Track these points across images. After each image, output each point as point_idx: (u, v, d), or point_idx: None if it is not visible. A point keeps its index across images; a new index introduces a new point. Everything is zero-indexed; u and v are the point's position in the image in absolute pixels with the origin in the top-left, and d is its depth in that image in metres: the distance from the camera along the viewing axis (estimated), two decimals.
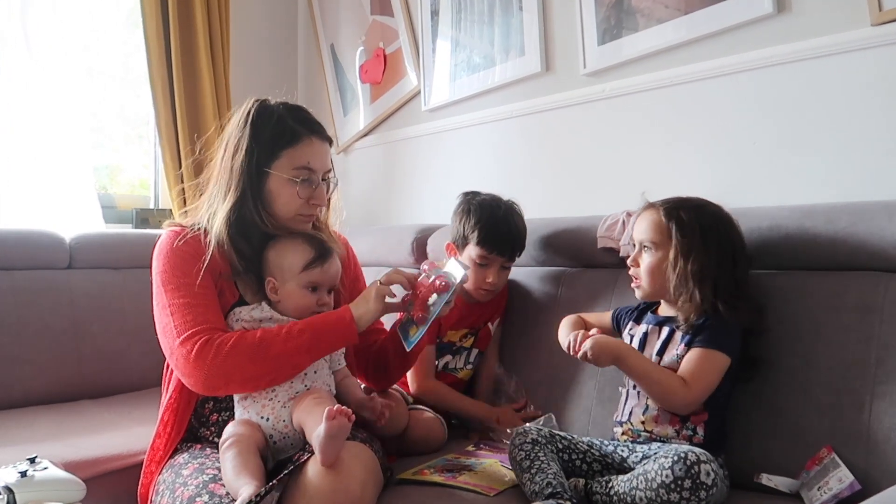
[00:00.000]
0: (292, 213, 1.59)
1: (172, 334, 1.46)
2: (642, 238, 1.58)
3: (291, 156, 1.56)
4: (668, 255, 1.53)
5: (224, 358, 1.41)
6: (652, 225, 1.56)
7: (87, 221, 2.85)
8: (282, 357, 1.43)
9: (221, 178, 1.59)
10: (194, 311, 1.47)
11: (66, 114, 2.85)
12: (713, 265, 1.50)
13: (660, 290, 1.57)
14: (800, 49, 1.82)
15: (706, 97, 2.03)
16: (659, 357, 1.53)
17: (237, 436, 1.40)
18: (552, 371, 1.93)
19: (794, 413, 1.47)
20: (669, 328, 1.55)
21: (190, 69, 3.08)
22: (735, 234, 1.56)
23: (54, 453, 1.68)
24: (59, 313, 2.44)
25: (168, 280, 1.52)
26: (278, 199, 1.57)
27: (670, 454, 1.27)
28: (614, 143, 2.27)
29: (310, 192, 1.58)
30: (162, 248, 1.58)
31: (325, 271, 1.57)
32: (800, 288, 1.56)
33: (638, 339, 1.60)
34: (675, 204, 1.57)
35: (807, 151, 1.84)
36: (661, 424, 1.49)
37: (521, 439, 1.46)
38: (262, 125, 1.57)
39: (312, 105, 1.73)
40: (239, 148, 1.56)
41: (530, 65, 2.48)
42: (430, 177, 2.91)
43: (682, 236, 1.51)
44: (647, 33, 2.13)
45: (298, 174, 1.56)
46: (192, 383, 1.46)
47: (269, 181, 1.56)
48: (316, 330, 1.47)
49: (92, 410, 2.27)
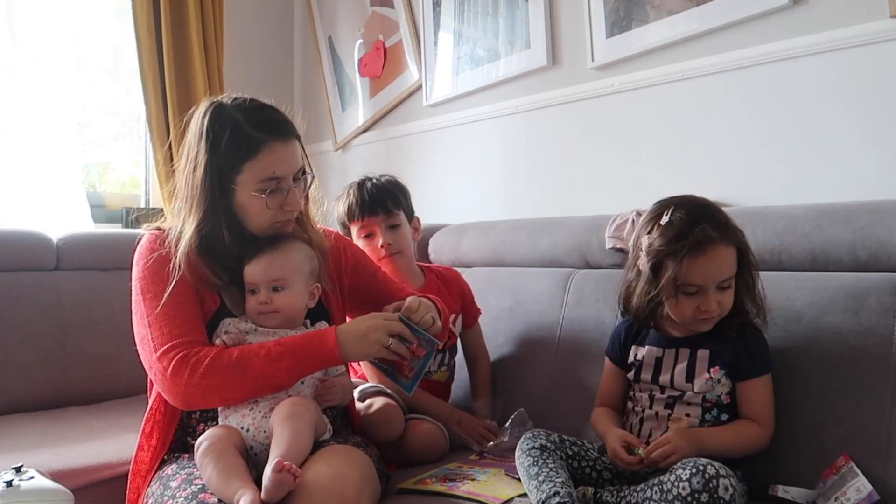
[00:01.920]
0: (266, 224, 1.55)
1: (150, 347, 1.46)
2: (725, 277, 1.44)
3: (253, 169, 1.50)
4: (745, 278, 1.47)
5: (200, 377, 1.41)
6: (728, 261, 1.44)
7: (75, 221, 2.85)
8: (261, 379, 1.43)
9: (184, 195, 1.55)
10: (172, 322, 1.47)
11: (53, 109, 2.86)
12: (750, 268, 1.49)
13: None
14: (816, 42, 1.82)
15: (719, 92, 2.04)
16: (689, 383, 1.49)
17: (211, 439, 1.39)
18: (558, 375, 1.93)
19: (811, 420, 1.47)
20: (689, 349, 1.51)
21: (182, 63, 3.08)
22: None
23: (41, 462, 1.68)
24: (45, 316, 2.44)
25: (146, 288, 1.51)
26: (249, 213, 1.54)
27: (688, 465, 1.27)
28: (623, 140, 2.27)
29: (280, 200, 1.53)
30: (141, 254, 1.56)
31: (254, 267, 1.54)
32: (817, 290, 1.56)
33: (651, 365, 1.56)
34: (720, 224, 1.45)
35: (823, 148, 1.84)
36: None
37: (530, 444, 1.46)
38: (217, 137, 1.50)
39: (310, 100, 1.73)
40: (198, 164, 1.51)
41: (536, 58, 2.48)
42: (432, 174, 2.91)
43: (750, 255, 1.48)
44: (657, 25, 2.14)
45: (265, 186, 1.50)
46: (171, 400, 1.47)
47: (237, 195, 1.52)
48: (296, 355, 1.45)
49: (80, 417, 2.27)
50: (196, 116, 1.55)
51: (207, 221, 1.52)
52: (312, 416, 1.44)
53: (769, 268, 1.64)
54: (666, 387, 1.52)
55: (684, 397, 1.49)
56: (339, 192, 2.11)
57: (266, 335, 1.53)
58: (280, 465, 1.25)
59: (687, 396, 1.49)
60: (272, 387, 1.46)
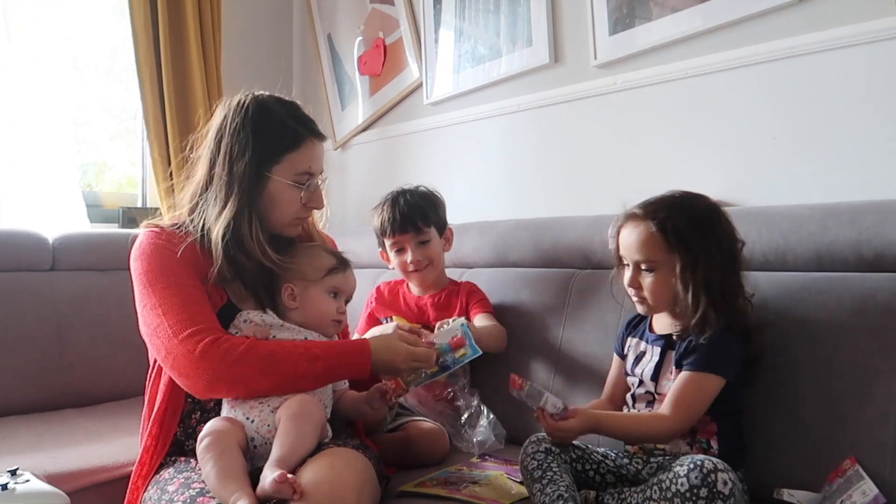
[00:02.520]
0: (290, 218, 1.61)
1: (167, 333, 1.44)
2: (637, 258, 1.52)
3: (294, 160, 1.58)
4: (675, 271, 1.48)
5: (232, 364, 1.41)
6: (645, 242, 1.50)
7: (72, 221, 2.86)
8: (289, 378, 1.45)
9: (219, 183, 1.57)
10: (189, 309, 1.47)
11: (49, 107, 2.87)
12: (720, 268, 1.48)
13: (668, 304, 1.54)
14: (823, 39, 1.82)
15: (724, 90, 2.04)
16: (654, 382, 1.53)
17: (215, 433, 1.40)
18: (560, 377, 1.93)
19: (816, 423, 1.47)
20: (661, 348, 1.54)
21: (179, 60, 3.08)
22: (730, 226, 1.53)
23: (36, 465, 1.68)
24: (41, 317, 2.44)
25: (156, 280, 1.51)
26: (278, 204, 1.59)
27: (686, 462, 1.27)
28: (626, 139, 2.27)
29: (309, 195, 1.61)
30: (143, 249, 1.56)
31: (347, 278, 1.64)
32: (822, 291, 1.56)
33: (634, 355, 1.61)
34: (661, 208, 1.51)
35: (830, 147, 1.84)
36: (672, 441, 1.49)
37: (535, 448, 1.46)
38: (263, 126, 1.57)
39: (308, 98, 1.75)
40: (240, 151, 1.55)
41: (538, 56, 2.48)
42: (432, 174, 2.90)
43: (686, 248, 1.47)
44: (661, 22, 2.14)
45: (301, 178, 1.59)
46: (190, 384, 1.45)
47: (269, 185, 1.57)
48: (331, 360, 1.49)
49: (76, 420, 2.28)
50: (231, 107, 1.60)
51: (243, 207, 1.55)
52: (320, 418, 1.46)
53: (774, 268, 1.64)
54: (641, 379, 1.57)
55: (656, 396, 1.53)
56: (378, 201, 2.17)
57: (292, 332, 1.56)
58: (283, 477, 1.25)
59: (657, 395, 1.53)
60: (299, 387, 1.47)
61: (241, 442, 1.41)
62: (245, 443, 1.43)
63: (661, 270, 1.50)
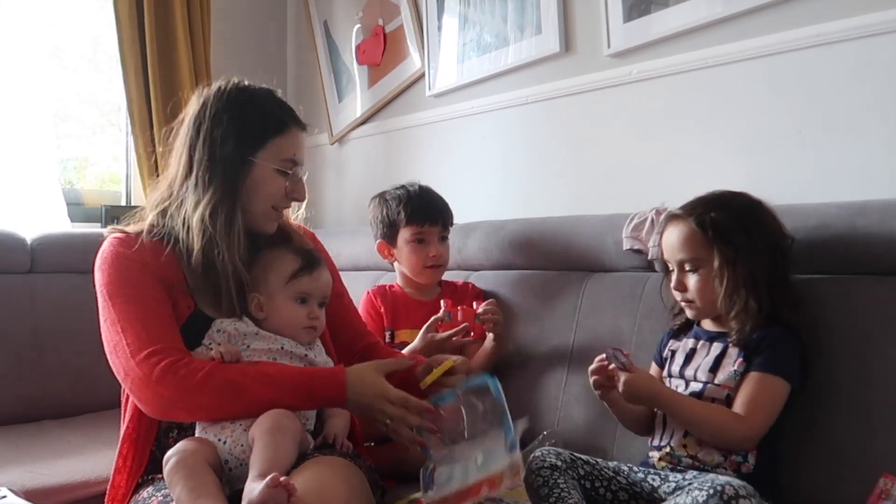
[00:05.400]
0: (268, 208, 1.61)
1: (125, 353, 1.45)
2: (681, 257, 1.56)
3: (280, 145, 1.59)
4: (723, 271, 1.51)
5: (190, 391, 1.41)
6: (687, 240, 1.55)
7: (51, 220, 2.86)
8: (256, 405, 1.43)
9: (200, 169, 1.57)
10: (148, 327, 1.47)
11: (27, 99, 2.87)
12: (764, 264, 1.50)
13: (715, 305, 1.55)
14: (849, 27, 1.82)
15: (746, 80, 2.03)
16: (712, 374, 1.52)
17: (180, 453, 1.37)
18: (571, 387, 1.93)
19: (847, 434, 1.48)
20: (723, 343, 1.54)
21: (166, 49, 3.08)
22: (775, 222, 1.56)
23: (13, 480, 1.69)
24: (18, 322, 2.45)
25: (116, 292, 1.52)
26: (260, 192, 1.59)
27: (705, 486, 1.27)
28: (642, 133, 2.27)
29: (293, 185, 1.62)
30: (104, 258, 1.58)
31: (315, 280, 1.59)
32: (851, 294, 1.56)
33: (683, 354, 1.60)
34: (699, 205, 1.56)
35: (858, 141, 1.84)
36: (705, 449, 1.48)
37: (539, 464, 1.46)
38: (248, 110, 1.59)
39: (304, 90, 1.75)
40: (223, 135, 1.56)
41: (548, 44, 2.49)
42: (435, 170, 2.91)
43: (725, 242, 1.51)
44: (678, 9, 2.14)
45: (286, 165, 1.60)
46: (150, 409, 1.46)
47: (254, 171, 1.57)
48: (300, 394, 1.45)
49: (56, 431, 2.28)
50: (208, 94, 1.61)
51: (227, 192, 1.55)
52: (297, 430, 1.43)
53: (800, 271, 1.64)
54: (690, 380, 1.55)
55: (706, 391, 1.51)
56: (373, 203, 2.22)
57: (268, 340, 1.54)
58: (276, 480, 1.23)
59: (709, 390, 1.51)
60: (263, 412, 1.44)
61: (211, 460, 1.39)
62: (218, 464, 1.40)
63: (705, 268, 1.54)
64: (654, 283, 1.86)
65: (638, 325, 1.85)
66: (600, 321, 1.95)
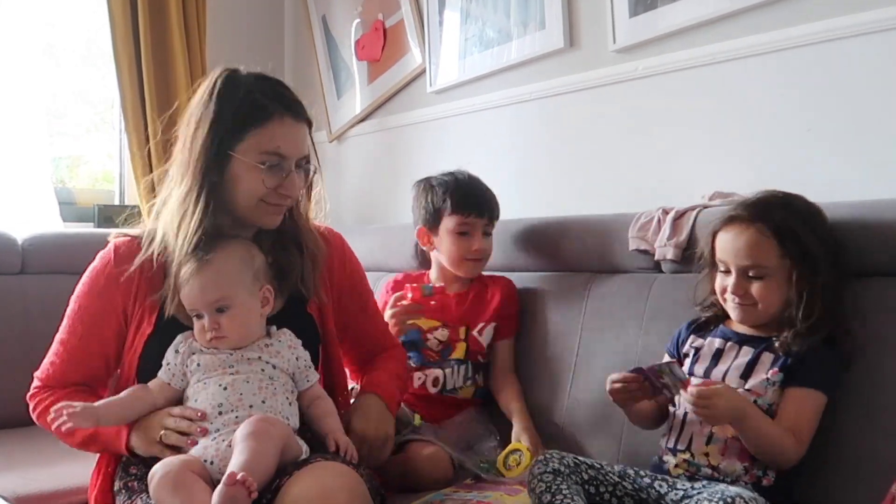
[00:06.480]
0: (254, 203, 1.56)
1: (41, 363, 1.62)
2: (745, 263, 1.51)
3: (259, 136, 1.53)
4: (789, 277, 1.49)
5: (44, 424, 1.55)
6: (755, 246, 1.50)
7: (43, 219, 2.87)
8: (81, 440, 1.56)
9: (178, 161, 1.57)
10: (63, 354, 1.61)
11: (19, 96, 2.87)
12: (826, 273, 1.49)
13: (778, 312, 1.53)
14: (862, 21, 1.81)
15: (755, 76, 2.03)
16: (743, 380, 1.50)
17: (165, 467, 1.36)
18: (576, 391, 1.93)
19: (859, 438, 1.47)
20: (754, 348, 1.53)
21: (160, 45, 3.08)
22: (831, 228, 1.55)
23: (4, 486, 1.69)
24: (9, 324, 2.45)
25: (72, 304, 1.63)
26: (239, 186, 1.55)
27: (715, 497, 1.26)
28: (648, 130, 2.27)
29: (279, 180, 1.55)
30: (88, 268, 1.65)
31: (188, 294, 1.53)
32: (863, 296, 1.56)
33: (709, 355, 1.58)
34: (769, 210, 1.51)
35: (871, 139, 1.83)
36: (728, 458, 1.47)
37: (542, 469, 1.46)
38: (226, 97, 1.54)
39: (302, 86, 1.74)
40: (200, 125, 1.54)
41: (552, 40, 2.48)
42: (436, 168, 2.88)
43: (804, 252, 1.48)
44: (685, 4, 2.13)
45: (266, 159, 1.53)
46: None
47: (232, 166, 1.53)
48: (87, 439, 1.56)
49: (47, 437, 2.25)
50: (205, 82, 1.60)
51: (196, 186, 1.53)
52: (281, 436, 1.41)
53: None
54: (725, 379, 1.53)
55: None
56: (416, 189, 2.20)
57: (213, 354, 1.52)
58: (233, 477, 1.22)
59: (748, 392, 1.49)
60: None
61: (198, 471, 1.37)
62: (206, 474, 1.38)
63: (773, 276, 1.50)
64: (661, 284, 1.85)
65: (644, 326, 1.85)
66: (606, 324, 1.94)
